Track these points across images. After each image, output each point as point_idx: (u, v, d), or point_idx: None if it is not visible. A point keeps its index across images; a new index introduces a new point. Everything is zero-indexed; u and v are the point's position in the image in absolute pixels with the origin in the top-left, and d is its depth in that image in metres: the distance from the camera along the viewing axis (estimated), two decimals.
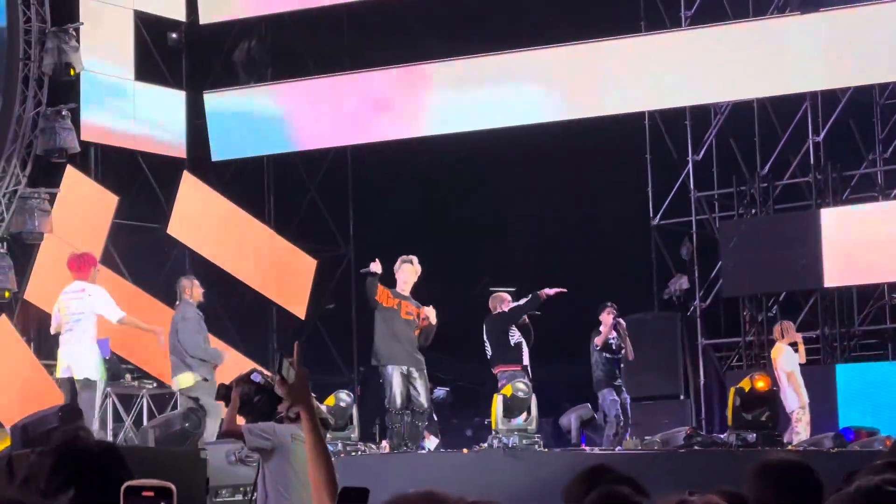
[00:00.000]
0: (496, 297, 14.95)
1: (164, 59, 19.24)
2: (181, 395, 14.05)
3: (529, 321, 14.75)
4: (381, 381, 13.69)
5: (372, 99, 18.90)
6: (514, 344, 14.39)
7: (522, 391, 13.38)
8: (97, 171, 18.17)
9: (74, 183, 17.38)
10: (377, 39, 19.51)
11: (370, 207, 20.18)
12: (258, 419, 8.38)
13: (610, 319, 15.63)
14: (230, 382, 8.68)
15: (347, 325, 19.53)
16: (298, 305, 19.13)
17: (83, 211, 17.36)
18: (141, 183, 19.17)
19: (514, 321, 14.47)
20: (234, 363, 15.15)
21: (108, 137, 18.09)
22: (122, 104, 18.17)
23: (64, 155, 17.01)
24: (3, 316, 16.71)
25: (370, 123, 18.96)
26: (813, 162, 18.31)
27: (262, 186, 20.13)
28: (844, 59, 16.87)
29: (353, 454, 13.10)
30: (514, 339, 14.42)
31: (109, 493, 2.58)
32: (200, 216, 18.96)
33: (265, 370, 9.39)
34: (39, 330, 17.22)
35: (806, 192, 18.64)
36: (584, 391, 16.18)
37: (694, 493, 3.74)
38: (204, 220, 18.98)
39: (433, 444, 15.25)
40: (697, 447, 13.31)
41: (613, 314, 15.67)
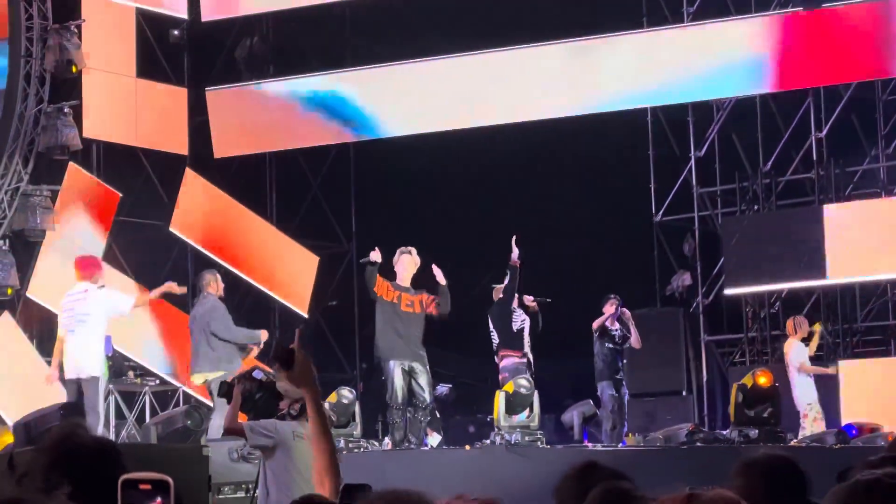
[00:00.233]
0: (498, 289, 14.95)
1: (166, 56, 19.23)
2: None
3: (538, 307, 14.69)
4: (382, 377, 13.69)
5: (374, 96, 18.88)
6: (516, 330, 14.43)
7: (525, 388, 13.38)
8: (99, 168, 18.17)
9: (76, 180, 17.38)
10: (379, 36, 19.50)
11: (372, 204, 20.17)
12: (260, 416, 8.38)
13: (612, 309, 15.60)
14: (232, 380, 8.68)
15: (350, 321, 19.52)
16: (301, 302, 19.14)
17: (85, 208, 17.36)
18: (143, 180, 19.17)
19: (511, 300, 14.46)
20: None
21: (110, 134, 18.08)
22: (124, 101, 18.16)
23: (66, 152, 17.01)
24: (5, 313, 16.72)
25: (372, 120, 18.93)
26: (815, 158, 18.28)
27: (264, 183, 20.12)
28: (846, 54, 16.84)
29: (355, 451, 13.09)
30: (516, 325, 14.45)
31: (106, 489, 2.58)
32: (203, 213, 18.96)
33: (267, 367, 9.39)
34: (42, 327, 17.23)
35: (808, 188, 18.61)
36: (586, 387, 16.16)
37: (695, 489, 3.72)
38: (206, 217, 18.99)
39: (436, 440, 15.25)
40: (699, 443, 13.30)
41: (616, 305, 15.64)
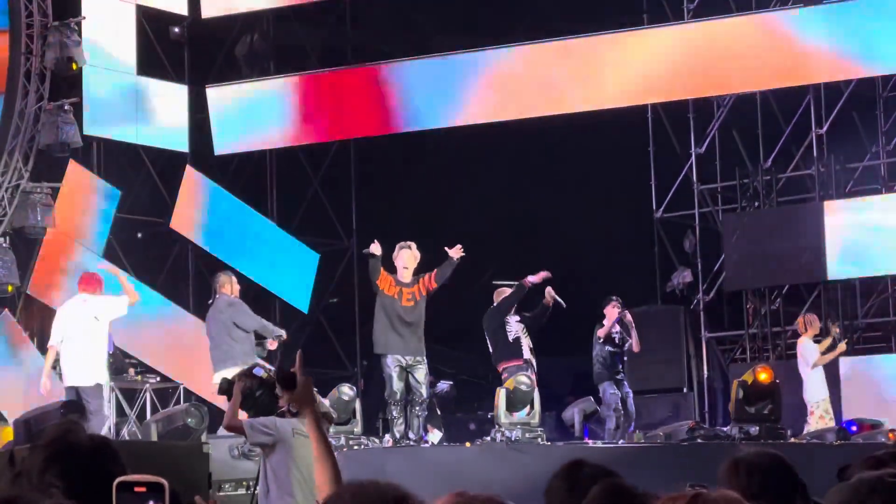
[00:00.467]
0: (499, 291, 14.91)
1: (166, 53, 19.22)
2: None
3: (552, 304, 14.58)
4: (382, 374, 13.68)
5: (375, 92, 18.87)
6: (512, 339, 14.32)
7: (525, 385, 13.37)
8: (99, 165, 18.16)
9: (77, 177, 17.37)
10: (380, 32, 19.50)
11: (373, 201, 20.16)
12: (260, 413, 8.37)
13: (615, 313, 15.50)
14: (232, 377, 8.67)
15: (350, 318, 19.50)
16: (301, 299, 19.13)
17: (85, 205, 17.36)
18: (143, 177, 19.16)
19: (506, 313, 14.40)
20: None
21: (110, 132, 18.07)
22: (124, 99, 18.14)
23: (66, 149, 16.99)
24: (5, 310, 16.71)
25: (373, 117, 18.93)
26: (816, 154, 18.27)
27: (264, 180, 20.11)
28: (847, 51, 16.83)
29: (355, 448, 13.08)
30: (511, 334, 14.34)
31: (102, 487, 2.57)
32: (203, 210, 18.95)
33: (267, 364, 9.39)
34: (42, 324, 17.22)
35: (809, 184, 18.61)
36: (587, 385, 16.14)
37: (695, 485, 3.71)
38: (206, 214, 18.97)
39: (437, 437, 15.24)
40: (700, 440, 13.29)
41: (618, 308, 15.58)
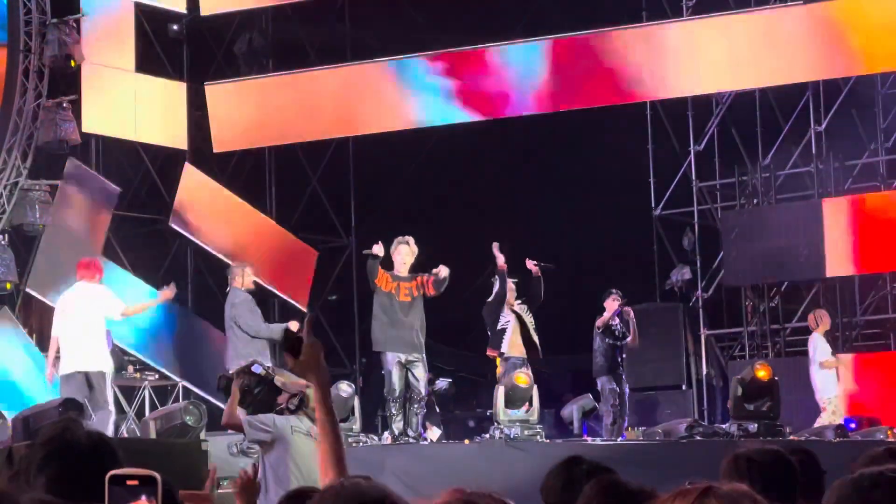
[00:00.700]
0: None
1: (165, 50, 19.21)
2: None
3: (541, 272, 14.55)
4: (383, 372, 13.68)
5: (373, 89, 18.86)
6: (498, 329, 14.36)
7: (524, 382, 13.38)
8: (98, 162, 18.15)
9: (76, 175, 17.36)
10: (379, 30, 19.48)
11: (372, 198, 20.15)
12: (258, 411, 8.38)
13: (614, 306, 15.54)
14: (231, 374, 8.68)
15: (349, 316, 19.50)
16: (300, 296, 19.13)
17: (84, 203, 17.35)
18: (142, 175, 19.16)
19: (499, 304, 14.40)
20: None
21: (109, 129, 18.06)
22: (123, 96, 18.13)
23: (65, 147, 16.98)
24: (4, 307, 16.71)
25: (371, 114, 18.91)
26: (815, 152, 18.27)
27: (263, 178, 20.10)
28: (846, 48, 16.83)
29: (354, 445, 13.09)
30: (500, 324, 14.38)
31: (99, 485, 2.56)
32: (202, 208, 18.94)
33: (266, 362, 9.37)
34: (41, 321, 17.22)
35: (808, 181, 18.60)
36: (586, 382, 16.14)
37: (694, 482, 3.70)
38: (206, 211, 18.97)
39: (435, 435, 15.24)
40: (699, 437, 13.29)
41: (618, 301, 15.60)
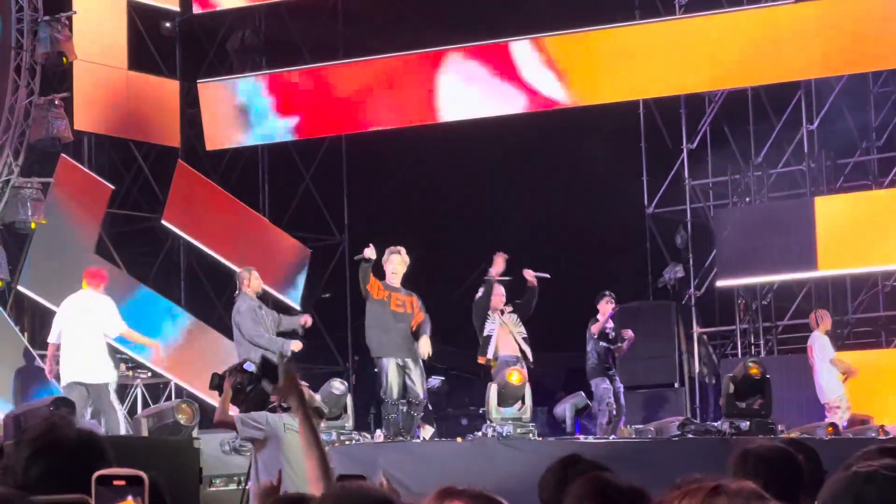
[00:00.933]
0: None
1: (157, 48, 19.20)
2: None
3: (537, 282, 14.51)
4: (375, 370, 13.66)
5: (366, 88, 18.86)
6: (485, 335, 14.31)
7: (517, 380, 13.37)
8: (91, 160, 18.13)
9: (68, 172, 17.34)
10: (372, 28, 19.47)
11: (365, 196, 20.16)
12: (251, 409, 8.37)
13: (608, 308, 15.54)
14: (223, 372, 8.66)
15: (342, 314, 19.50)
16: (293, 295, 19.12)
17: (77, 200, 17.33)
18: (135, 173, 19.15)
19: (483, 309, 14.36)
20: (228, 354, 15.14)
21: (101, 127, 18.04)
22: (115, 93, 18.12)
23: (57, 144, 16.95)
24: None
25: (365, 112, 18.92)
26: (807, 150, 18.30)
27: (256, 176, 20.11)
28: (838, 47, 16.84)
29: (347, 443, 13.09)
30: (486, 330, 14.32)
31: (86, 483, 2.55)
32: (195, 205, 18.93)
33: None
34: (33, 320, 17.21)
35: (800, 180, 18.62)
36: (578, 380, 16.16)
37: (686, 479, 3.70)
38: (198, 209, 18.95)
39: (428, 433, 15.23)
40: (691, 435, 13.30)
41: (612, 304, 15.60)
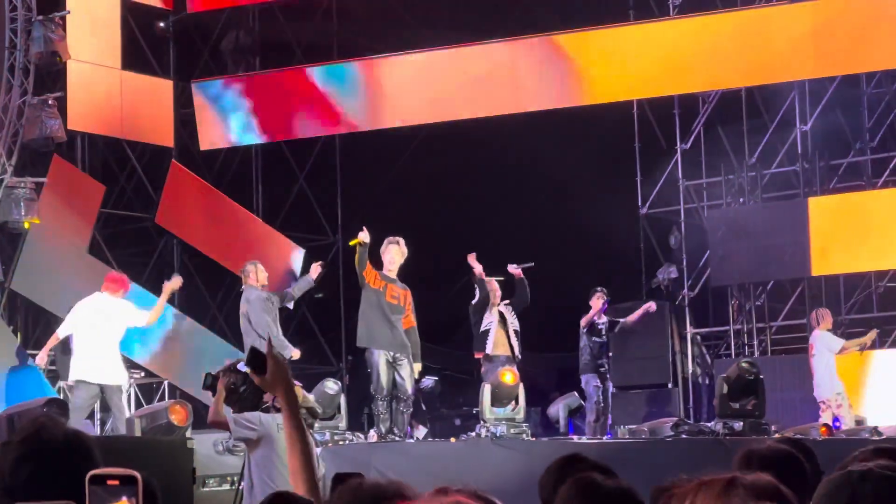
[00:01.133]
0: (489, 281, 14.90)
1: (151, 48, 19.17)
2: None
3: (523, 273, 14.56)
4: (368, 369, 13.66)
5: (361, 88, 18.85)
6: (481, 331, 14.37)
7: (511, 380, 13.38)
8: (84, 160, 18.11)
9: (61, 172, 17.32)
10: (366, 28, 19.47)
11: (358, 196, 20.14)
12: (245, 409, 8.37)
13: (599, 304, 15.60)
14: (216, 372, 8.66)
15: (336, 313, 19.50)
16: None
17: (70, 200, 17.31)
18: (128, 172, 19.13)
19: (481, 308, 14.41)
20: (224, 353, 15.14)
21: (95, 126, 18.02)
22: (109, 93, 18.09)
23: (50, 144, 16.93)
24: None
25: (359, 113, 18.90)
26: (801, 151, 18.31)
27: (250, 175, 20.09)
28: (832, 48, 16.85)
29: (340, 443, 13.08)
30: (483, 326, 14.39)
31: (72, 484, 2.55)
32: (188, 205, 18.92)
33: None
34: (26, 320, 17.19)
35: (794, 180, 18.64)
36: (572, 380, 16.17)
37: (680, 479, 3.70)
38: (192, 209, 18.94)
39: (422, 433, 15.25)
40: (685, 436, 13.30)
41: (603, 299, 15.64)
